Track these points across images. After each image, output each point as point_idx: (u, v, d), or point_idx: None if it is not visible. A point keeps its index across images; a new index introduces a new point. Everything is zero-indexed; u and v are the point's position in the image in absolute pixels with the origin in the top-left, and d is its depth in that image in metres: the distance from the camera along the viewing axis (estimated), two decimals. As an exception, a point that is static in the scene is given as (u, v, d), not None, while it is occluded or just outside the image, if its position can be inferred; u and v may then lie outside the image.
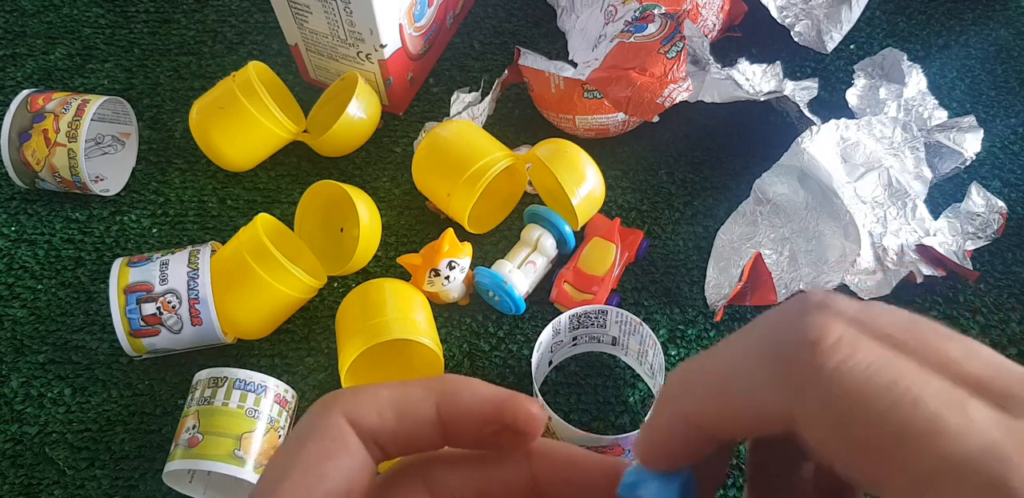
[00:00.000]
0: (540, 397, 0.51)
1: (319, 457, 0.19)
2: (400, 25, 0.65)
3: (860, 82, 0.67)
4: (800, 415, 0.16)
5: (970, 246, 0.61)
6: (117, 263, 0.57)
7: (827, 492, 0.21)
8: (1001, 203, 0.62)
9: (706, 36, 0.64)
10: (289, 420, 0.55)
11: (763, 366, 0.17)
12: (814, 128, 0.60)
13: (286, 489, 0.19)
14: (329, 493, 0.19)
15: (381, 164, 0.69)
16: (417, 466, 0.22)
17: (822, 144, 0.60)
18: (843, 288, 0.58)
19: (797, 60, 0.75)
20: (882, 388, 0.15)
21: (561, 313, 0.57)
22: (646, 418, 0.20)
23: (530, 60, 0.66)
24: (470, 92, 0.67)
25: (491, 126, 0.70)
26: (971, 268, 0.60)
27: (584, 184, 0.61)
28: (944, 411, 0.14)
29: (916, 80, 0.66)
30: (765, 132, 0.70)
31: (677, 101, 0.63)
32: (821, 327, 0.16)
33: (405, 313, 0.55)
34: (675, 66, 0.63)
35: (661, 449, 0.20)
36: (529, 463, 0.22)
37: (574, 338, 0.58)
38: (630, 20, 0.68)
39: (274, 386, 0.53)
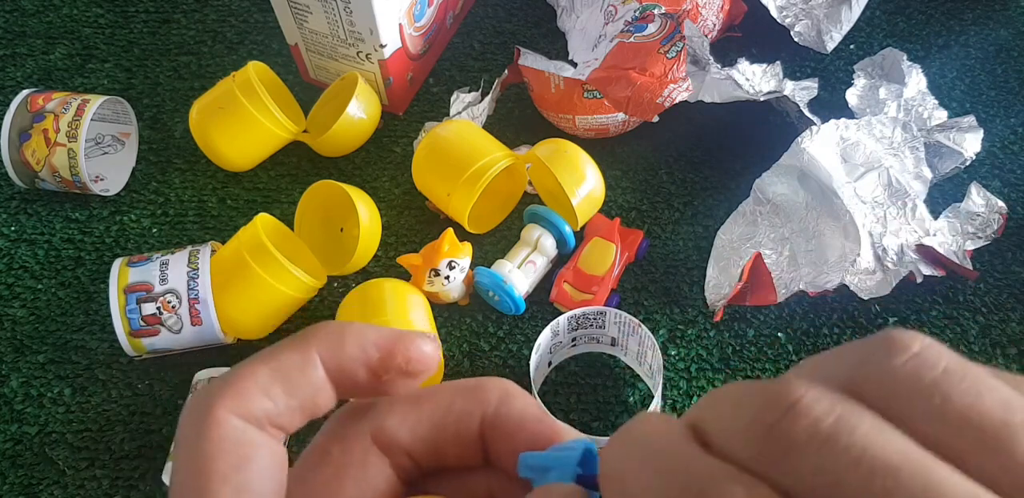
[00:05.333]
0: (538, 399, 0.51)
1: (234, 470, 0.18)
2: (400, 25, 0.65)
3: (860, 82, 0.67)
4: None
5: (970, 246, 0.61)
6: (117, 263, 0.57)
7: None
8: (1001, 203, 0.62)
9: (706, 36, 0.64)
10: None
11: None
12: (814, 128, 0.60)
13: None
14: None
15: (381, 164, 0.69)
16: (360, 419, 0.20)
17: (822, 144, 0.60)
18: (843, 288, 0.58)
19: (797, 60, 0.75)
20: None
21: (561, 313, 0.57)
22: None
23: (530, 60, 0.66)
24: (470, 92, 0.67)
25: (491, 126, 0.70)
26: (971, 268, 0.60)
27: (584, 184, 0.61)
28: None
29: (916, 80, 0.66)
30: (765, 132, 0.70)
31: (677, 101, 0.63)
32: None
33: (404, 313, 0.55)
34: (675, 66, 0.63)
35: None
36: (481, 421, 0.20)
37: (573, 339, 0.58)
38: (630, 20, 0.68)
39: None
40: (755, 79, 0.65)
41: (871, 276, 0.59)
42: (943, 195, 0.66)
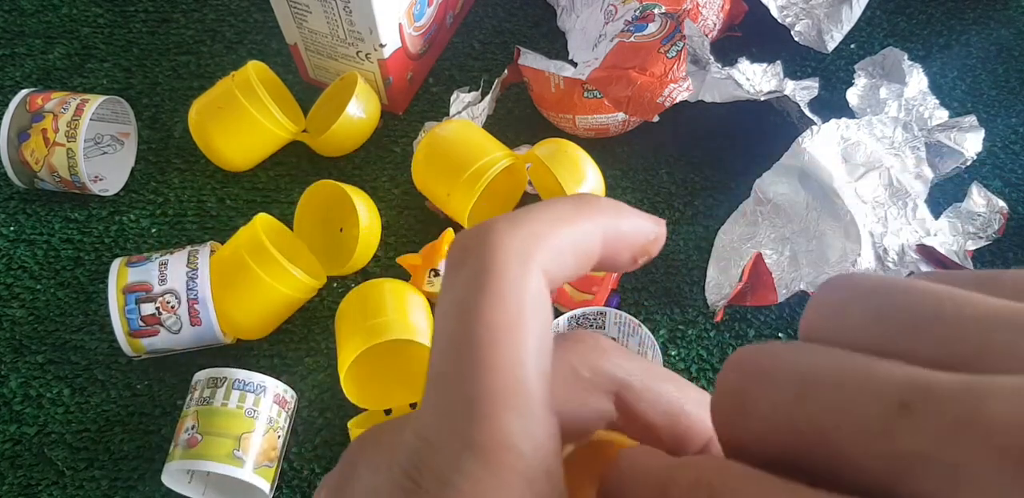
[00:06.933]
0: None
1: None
2: (400, 25, 0.64)
3: (861, 82, 0.66)
4: None
5: (971, 246, 0.61)
6: (116, 263, 0.56)
7: None
8: (1002, 203, 0.62)
9: (706, 35, 0.64)
10: (288, 420, 0.55)
11: None
12: (814, 128, 0.59)
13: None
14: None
15: (381, 164, 0.69)
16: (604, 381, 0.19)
17: (822, 144, 0.60)
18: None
19: (797, 60, 0.75)
20: None
21: (561, 314, 0.57)
22: None
23: (530, 60, 0.66)
24: (470, 92, 0.67)
25: (491, 126, 0.70)
26: (972, 268, 0.60)
27: (584, 184, 0.61)
28: None
29: (917, 80, 0.66)
30: (765, 132, 0.70)
31: (677, 101, 0.63)
32: None
33: (405, 313, 0.55)
34: (675, 66, 0.63)
35: None
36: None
37: (574, 338, 0.58)
38: (630, 20, 0.68)
39: (273, 386, 0.53)
40: (755, 79, 0.64)
41: (872, 276, 0.58)
42: (944, 195, 0.66)
